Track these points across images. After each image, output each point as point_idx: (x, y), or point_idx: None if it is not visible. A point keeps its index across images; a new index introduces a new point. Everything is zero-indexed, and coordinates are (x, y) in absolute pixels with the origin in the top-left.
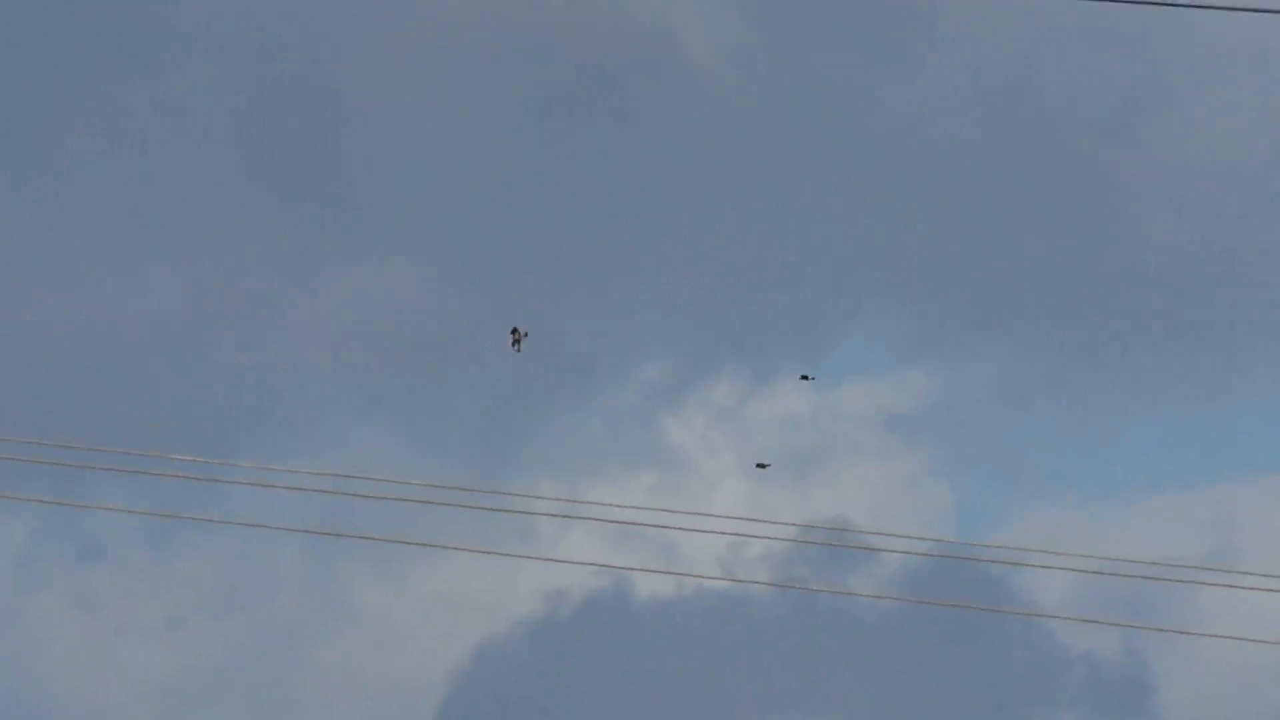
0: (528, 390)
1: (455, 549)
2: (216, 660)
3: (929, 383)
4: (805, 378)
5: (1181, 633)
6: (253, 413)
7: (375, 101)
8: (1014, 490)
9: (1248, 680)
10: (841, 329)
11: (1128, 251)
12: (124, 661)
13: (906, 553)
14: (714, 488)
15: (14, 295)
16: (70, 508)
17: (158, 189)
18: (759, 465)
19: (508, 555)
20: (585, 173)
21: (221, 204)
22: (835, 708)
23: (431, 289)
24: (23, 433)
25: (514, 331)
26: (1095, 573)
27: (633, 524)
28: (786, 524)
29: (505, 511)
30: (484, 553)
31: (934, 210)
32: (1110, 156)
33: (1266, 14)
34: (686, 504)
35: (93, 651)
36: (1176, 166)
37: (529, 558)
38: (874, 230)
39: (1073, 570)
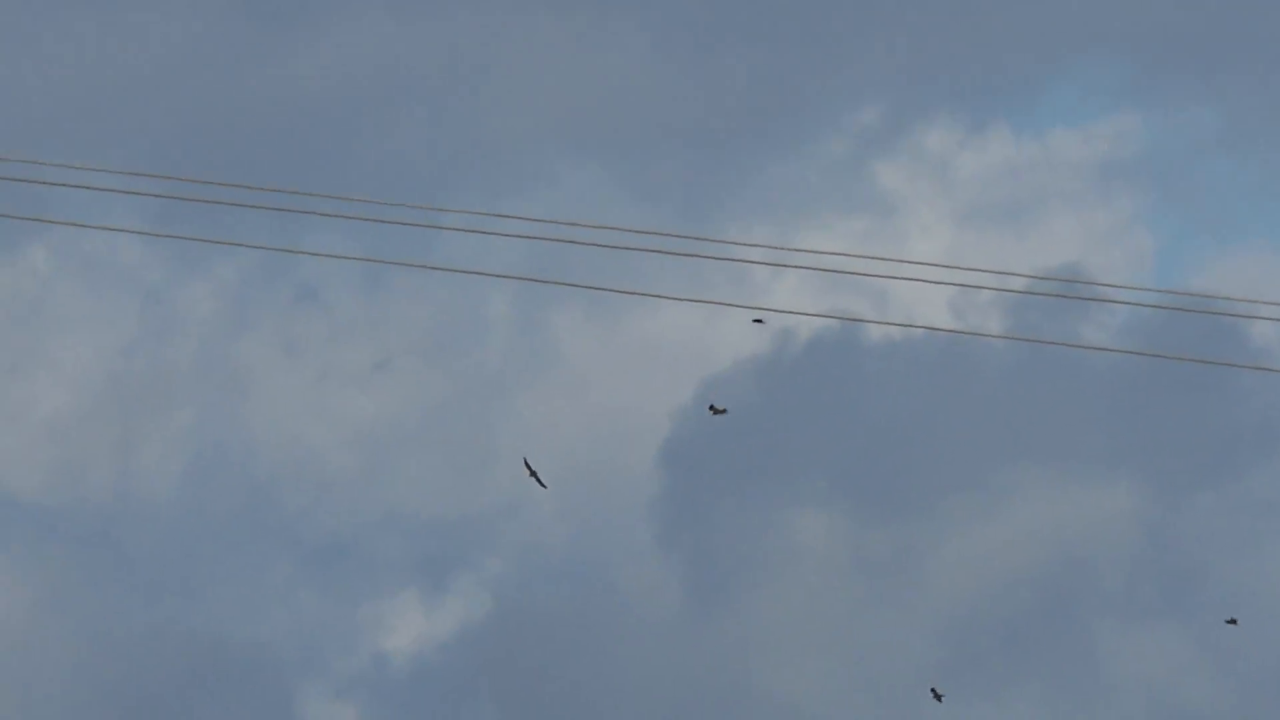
0: (739, 136)
1: (670, 298)
2: (423, 406)
3: (1142, 130)
4: (757, 321)
5: None
6: (467, 159)
7: None
8: (1225, 240)
9: None
10: (1055, 75)
11: None
12: (330, 406)
13: (1134, 304)
14: (927, 235)
15: (240, 44)
16: (285, 253)
17: None
18: (755, 320)
19: (726, 305)
20: None
21: None
22: (1063, 457)
23: (645, 39)
24: (241, 178)
25: (712, 408)
26: None
27: (848, 273)
28: (1013, 274)
29: (719, 259)
30: (700, 301)
31: None
32: None
33: None
34: (897, 252)
35: (299, 396)
36: None
37: (752, 308)
38: None
39: None
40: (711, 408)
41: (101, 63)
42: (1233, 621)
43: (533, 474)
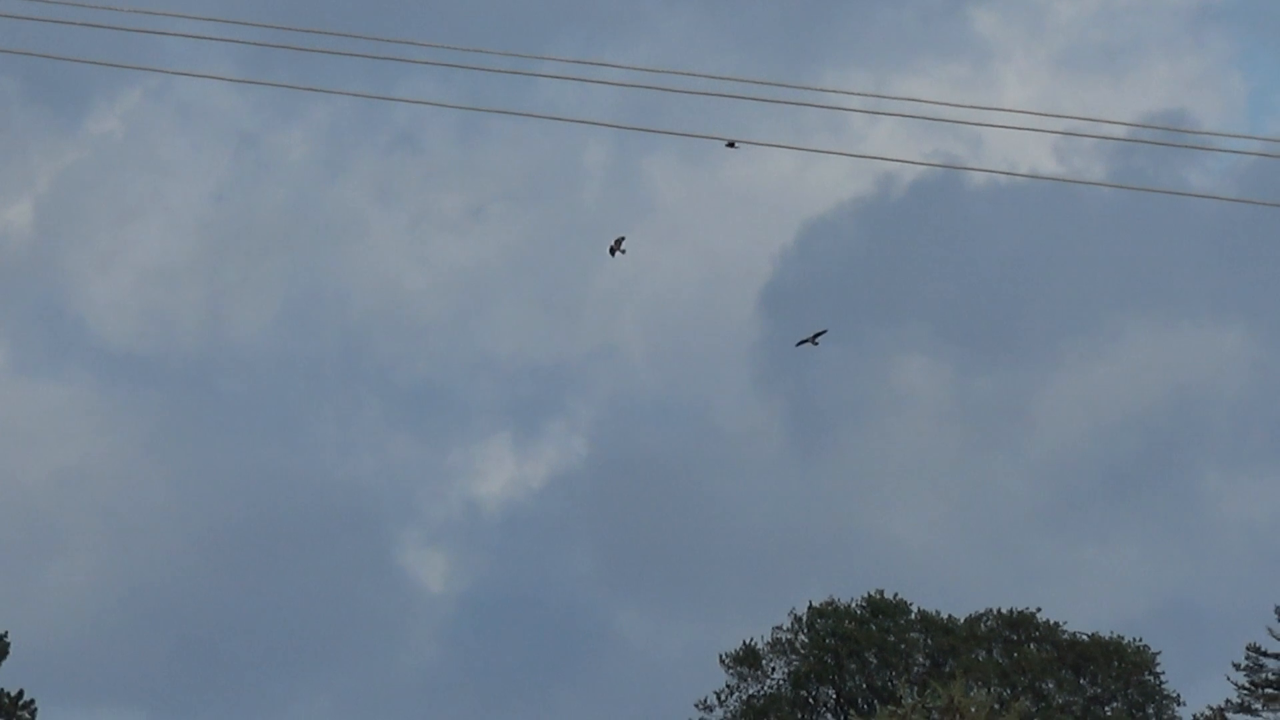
0: None
1: (768, 145)
2: (518, 250)
3: None
4: (730, 145)
5: None
6: (564, 5)
7: None
8: None
9: None
10: None
11: None
12: (426, 251)
13: (1234, 152)
14: (1023, 80)
15: None
16: (381, 100)
17: None
18: (729, 144)
19: (822, 152)
20: None
21: None
22: (1168, 301)
23: None
24: (337, 25)
25: (616, 246)
26: None
27: (946, 121)
28: (1116, 122)
29: (815, 106)
30: (795, 149)
31: None
32: None
33: None
34: (996, 98)
35: (395, 240)
36: None
37: (844, 154)
38: None
39: None
40: (616, 245)
41: None
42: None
43: (617, 247)
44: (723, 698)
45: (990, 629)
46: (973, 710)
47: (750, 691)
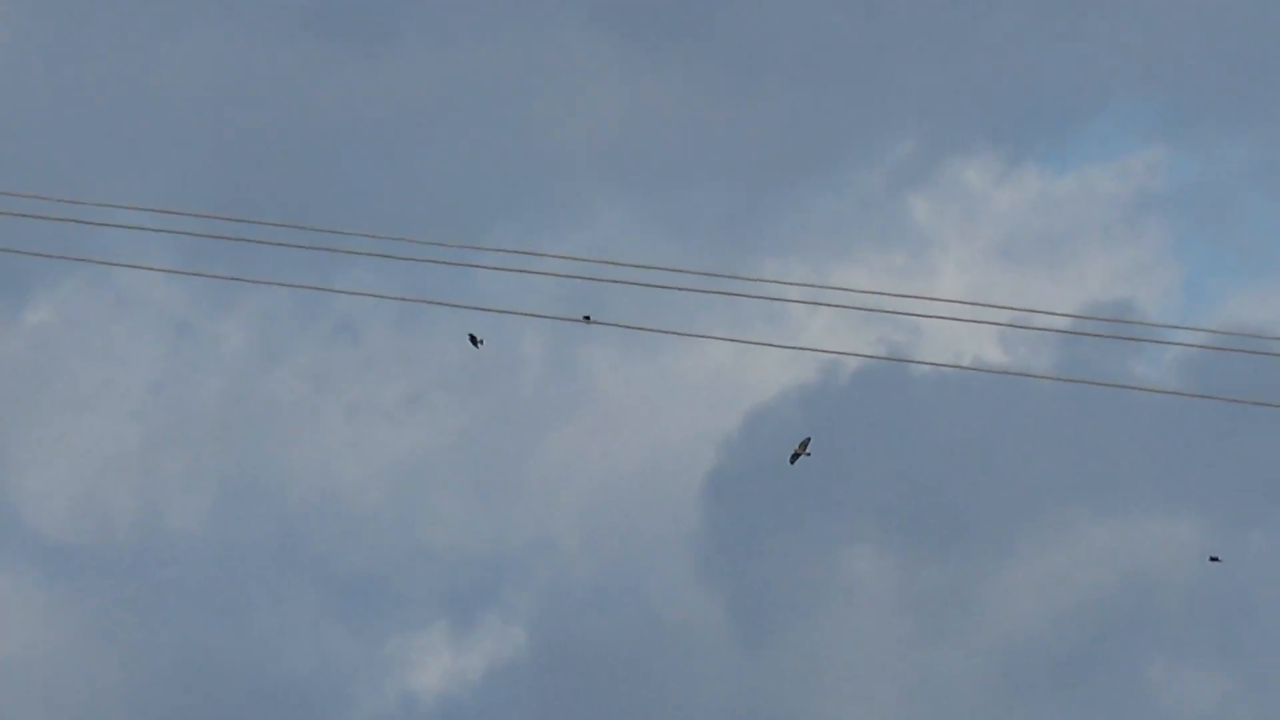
0: (772, 168)
1: (708, 337)
2: (455, 441)
3: (1178, 166)
4: (586, 319)
5: None
6: (504, 194)
7: None
8: (1257, 274)
9: None
10: (1091, 111)
11: None
12: (361, 441)
13: (1184, 345)
14: (964, 271)
15: (274, 78)
16: (319, 291)
17: None
18: (585, 319)
19: (766, 345)
20: None
21: None
22: (1113, 491)
23: (681, 74)
24: (275, 215)
25: (472, 339)
26: None
27: (888, 312)
28: (1061, 314)
29: (754, 298)
30: (738, 341)
31: None
32: None
33: None
34: (934, 288)
35: (330, 430)
36: None
37: (789, 348)
38: (1127, 11)
39: None
40: (472, 339)
41: (132, 97)
42: (1215, 559)
43: (475, 342)
44: None
45: None
46: None
47: None
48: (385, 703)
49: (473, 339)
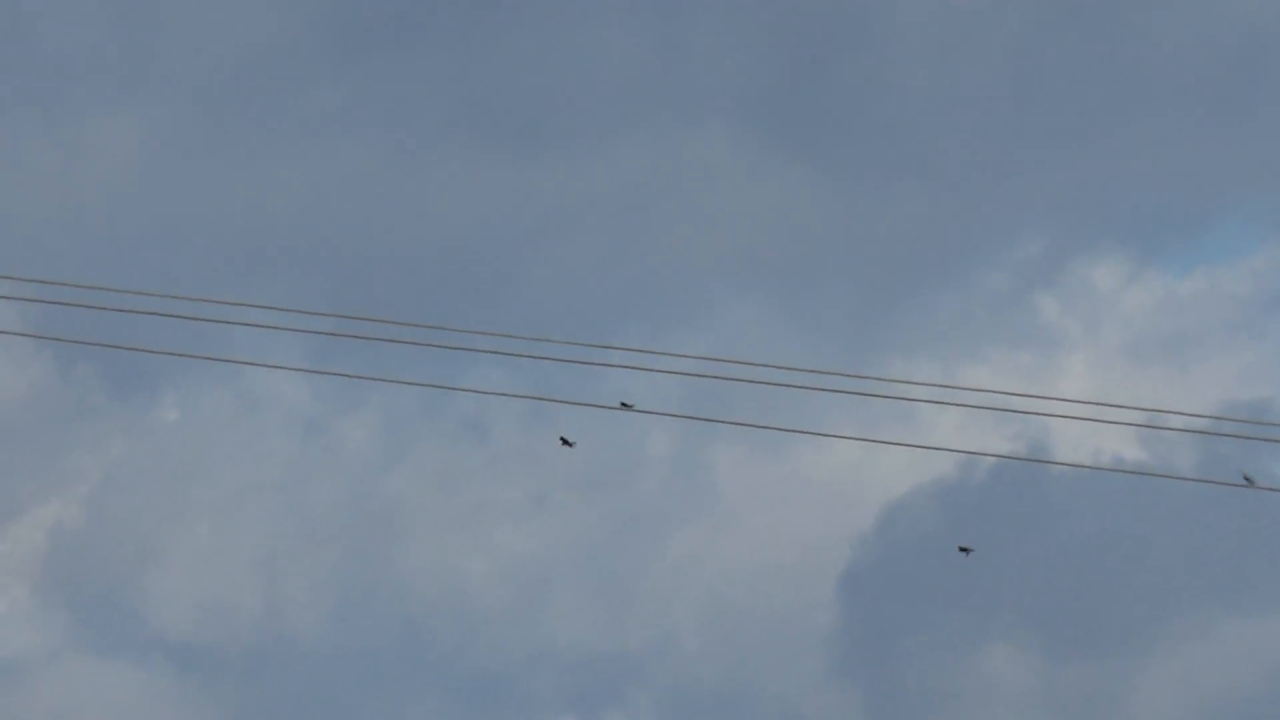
0: (900, 268)
1: (833, 436)
2: (580, 540)
3: None
4: (625, 406)
5: None
6: (633, 293)
7: None
8: None
9: None
10: (1221, 209)
11: None
12: (486, 540)
13: None
14: (1095, 370)
15: (411, 182)
16: (447, 390)
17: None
18: (624, 406)
19: (893, 444)
20: None
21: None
22: (1253, 595)
23: (808, 173)
24: (407, 315)
25: (564, 440)
26: None
27: (1014, 411)
28: (1197, 415)
29: (882, 397)
30: (864, 440)
31: None
32: None
33: None
34: (1062, 387)
35: (455, 528)
36: None
37: (919, 447)
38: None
39: None
40: (563, 440)
41: (264, 196)
42: (965, 550)
43: (566, 443)
44: None
45: None
46: None
47: None
48: None
49: (564, 441)
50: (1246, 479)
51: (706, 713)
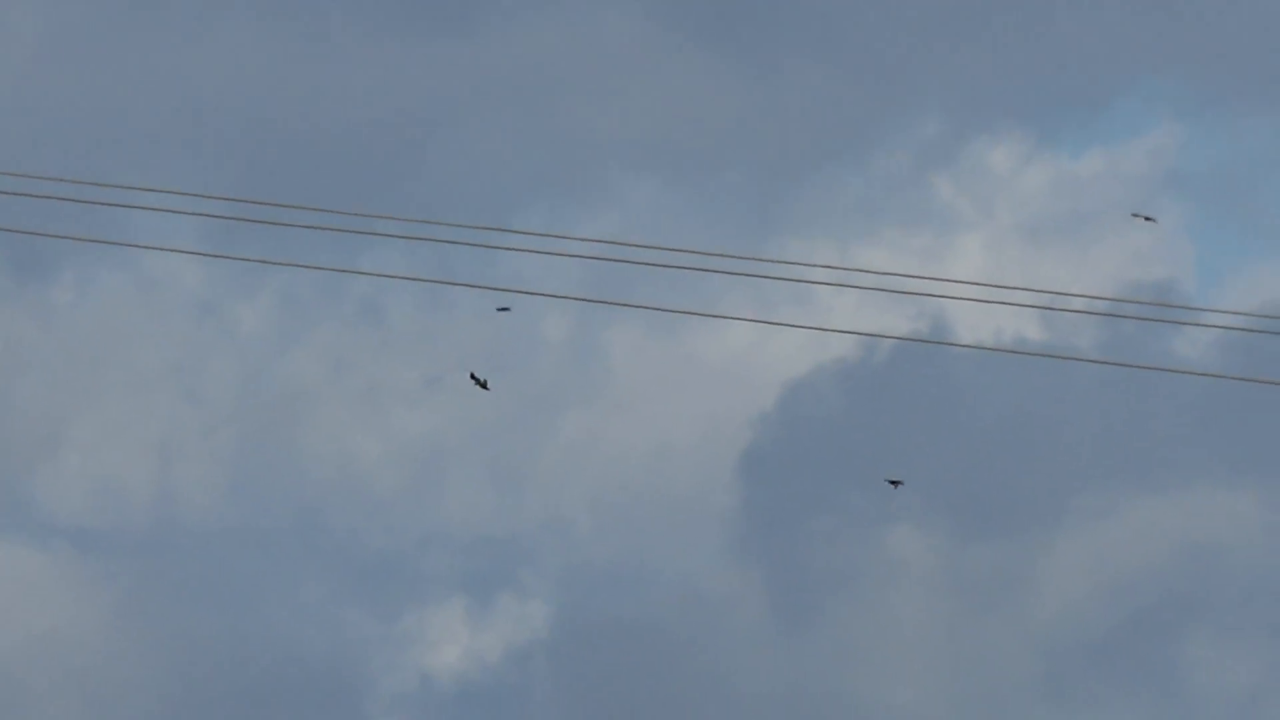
0: (798, 149)
1: (731, 318)
2: (475, 422)
3: (1206, 145)
4: (503, 309)
5: None
6: (529, 178)
7: None
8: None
9: None
10: (1120, 88)
11: None
12: (381, 422)
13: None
14: (992, 251)
15: (302, 65)
16: (344, 273)
17: None
18: (500, 308)
19: (791, 326)
20: None
21: None
22: (1156, 469)
23: (704, 57)
24: (302, 198)
25: (474, 378)
26: None
27: (913, 294)
28: (1099, 297)
29: (779, 279)
30: (762, 322)
31: None
32: None
33: None
34: (958, 268)
35: (351, 411)
36: None
37: (817, 329)
38: None
39: None
40: (474, 377)
41: (159, 80)
42: (894, 483)
43: (478, 382)
44: None
45: None
46: None
47: None
48: (404, 682)
49: (474, 378)
50: (1147, 218)
51: (602, 593)
